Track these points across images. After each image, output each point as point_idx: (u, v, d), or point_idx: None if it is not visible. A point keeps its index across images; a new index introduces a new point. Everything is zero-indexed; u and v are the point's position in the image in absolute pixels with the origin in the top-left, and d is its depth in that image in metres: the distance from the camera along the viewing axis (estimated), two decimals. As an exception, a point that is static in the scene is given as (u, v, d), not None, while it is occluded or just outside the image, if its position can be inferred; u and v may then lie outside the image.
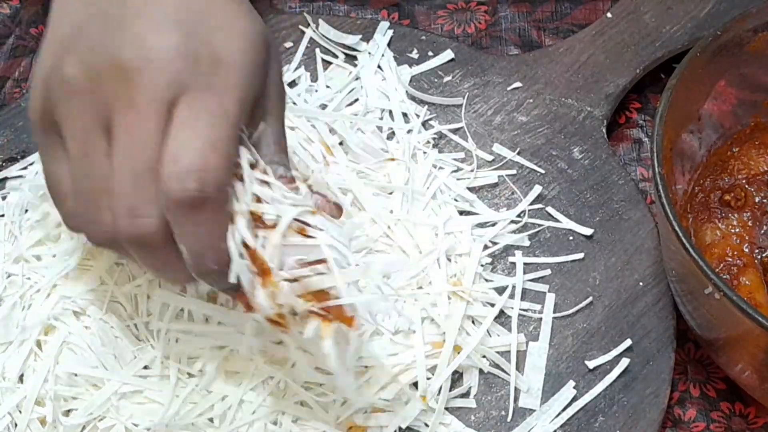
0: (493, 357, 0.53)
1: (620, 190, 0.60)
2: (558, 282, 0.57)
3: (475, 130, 0.63)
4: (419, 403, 0.51)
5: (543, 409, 0.52)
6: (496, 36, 0.70)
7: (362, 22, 0.68)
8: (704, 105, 0.55)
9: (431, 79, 0.65)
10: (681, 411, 0.54)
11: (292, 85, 0.64)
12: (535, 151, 0.62)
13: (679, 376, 0.55)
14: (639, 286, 0.56)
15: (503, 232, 0.58)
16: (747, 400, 0.54)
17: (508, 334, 0.54)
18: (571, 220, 0.59)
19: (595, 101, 0.64)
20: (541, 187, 0.60)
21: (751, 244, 0.53)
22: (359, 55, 0.66)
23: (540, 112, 0.64)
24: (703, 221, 0.54)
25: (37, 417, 0.51)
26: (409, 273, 0.54)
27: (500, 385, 0.53)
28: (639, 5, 0.67)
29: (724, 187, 0.55)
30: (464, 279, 0.55)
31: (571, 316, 0.55)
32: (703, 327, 0.51)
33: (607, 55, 0.65)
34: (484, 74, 0.65)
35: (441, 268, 0.55)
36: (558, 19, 0.71)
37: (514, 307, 0.55)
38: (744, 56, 0.54)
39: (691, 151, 0.55)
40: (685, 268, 0.46)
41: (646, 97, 0.67)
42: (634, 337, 0.54)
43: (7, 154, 0.62)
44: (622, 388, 0.53)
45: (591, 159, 0.61)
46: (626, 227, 0.59)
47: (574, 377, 0.53)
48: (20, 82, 0.69)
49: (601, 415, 0.52)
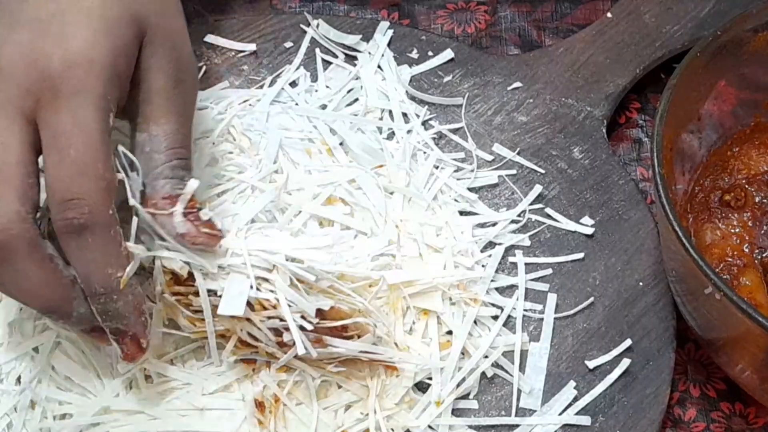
0: (497, 358, 0.53)
1: (620, 190, 0.60)
2: (558, 282, 0.57)
3: (475, 130, 0.63)
4: (433, 407, 0.51)
5: (544, 409, 0.52)
6: (496, 36, 0.70)
7: (362, 22, 0.68)
8: (704, 105, 0.55)
9: (431, 79, 0.65)
10: (681, 411, 0.54)
11: (293, 85, 0.64)
12: (535, 151, 0.62)
13: (679, 376, 0.55)
14: (639, 286, 0.56)
15: (504, 232, 0.58)
16: (747, 400, 0.54)
17: (509, 335, 0.54)
18: (571, 220, 0.59)
19: (595, 101, 0.64)
20: (541, 187, 0.60)
21: (751, 244, 0.53)
22: (359, 55, 0.66)
23: (540, 112, 0.63)
24: (703, 221, 0.54)
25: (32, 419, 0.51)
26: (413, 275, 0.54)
27: (500, 385, 0.53)
28: (639, 5, 0.67)
29: (724, 187, 0.55)
30: (476, 286, 0.55)
31: (571, 316, 0.55)
32: (703, 327, 0.51)
33: (607, 55, 0.65)
34: (484, 74, 0.65)
35: (447, 269, 0.55)
36: (558, 19, 0.71)
37: (517, 307, 0.55)
38: (744, 56, 0.54)
39: (691, 151, 0.55)
40: (685, 268, 0.46)
41: (646, 97, 0.67)
42: (634, 337, 0.54)
43: None
44: (622, 388, 0.53)
45: (591, 159, 0.61)
46: (626, 227, 0.59)
47: (575, 377, 0.53)
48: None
49: (601, 415, 0.52)
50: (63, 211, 0.41)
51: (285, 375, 0.51)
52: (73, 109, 0.41)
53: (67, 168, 0.41)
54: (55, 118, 0.41)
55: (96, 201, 0.42)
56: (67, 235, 0.42)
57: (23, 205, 0.42)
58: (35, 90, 0.41)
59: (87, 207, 0.41)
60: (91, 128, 0.41)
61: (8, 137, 0.42)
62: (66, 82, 0.41)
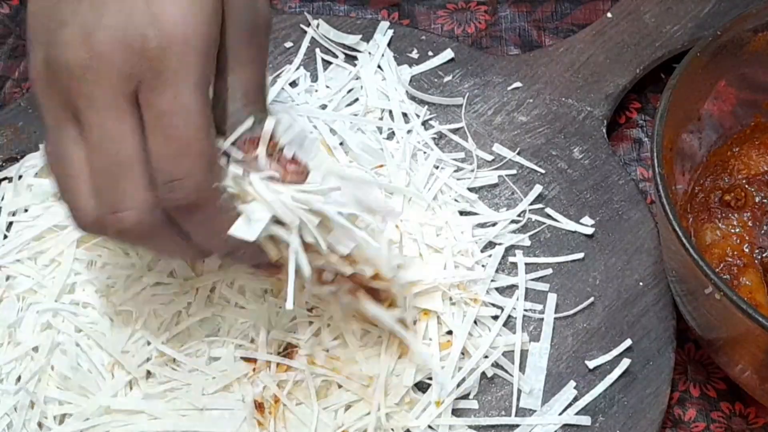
0: (497, 358, 0.53)
1: (620, 190, 0.60)
2: (558, 282, 0.57)
3: (475, 130, 0.63)
4: (433, 407, 0.51)
5: (544, 409, 0.52)
6: (496, 36, 0.70)
7: (362, 22, 0.68)
8: (704, 105, 0.55)
9: (431, 79, 0.65)
10: (681, 411, 0.54)
11: (293, 85, 0.64)
12: (535, 151, 0.62)
13: (679, 376, 0.55)
14: (639, 286, 0.56)
15: (504, 232, 0.58)
16: (747, 400, 0.54)
17: (510, 335, 0.54)
18: (571, 220, 0.59)
19: (595, 101, 0.64)
20: (541, 187, 0.60)
21: (751, 244, 0.53)
22: (359, 55, 0.66)
23: (540, 112, 0.63)
24: (703, 221, 0.54)
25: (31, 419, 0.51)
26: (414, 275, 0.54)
27: (500, 385, 0.53)
28: (639, 5, 0.67)
29: (724, 187, 0.55)
30: (476, 286, 0.55)
31: (571, 316, 0.55)
32: (703, 327, 0.51)
33: (607, 55, 0.65)
34: (484, 74, 0.65)
35: (447, 269, 0.55)
36: (558, 19, 0.71)
37: (517, 307, 0.55)
38: (744, 56, 0.54)
39: (691, 151, 0.55)
40: (685, 268, 0.46)
41: (646, 97, 0.67)
42: (634, 337, 0.54)
43: (7, 154, 0.62)
44: (622, 388, 0.53)
45: (591, 159, 0.61)
46: (626, 227, 0.59)
47: (575, 377, 0.53)
48: (20, 82, 0.69)
49: (601, 415, 0.52)
50: (169, 192, 0.42)
51: (285, 375, 0.51)
52: (174, 89, 0.41)
53: (170, 149, 0.41)
54: (158, 99, 0.41)
55: (200, 180, 0.42)
56: (178, 213, 0.43)
57: (150, 191, 0.42)
58: (136, 73, 0.41)
59: (190, 187, 0.42)
60: (192, 107, 0.41)
61: (120, 126, 0.41)
62: (165, 61, 0.41)
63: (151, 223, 0.43)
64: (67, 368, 0.51)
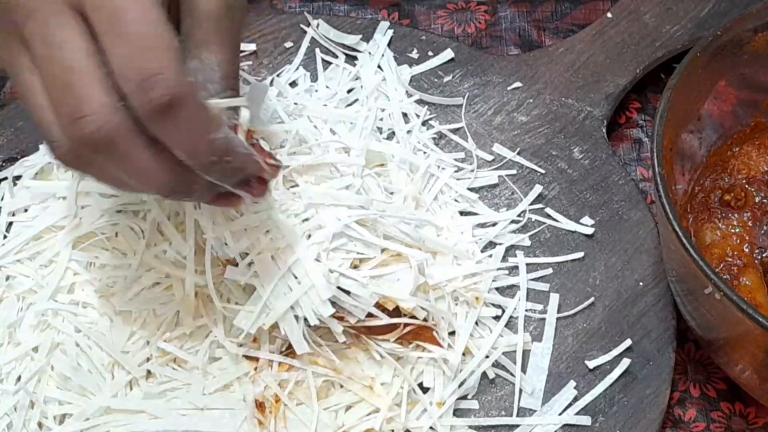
0: (498, 358, 0.53)
1: (620, 190, 0.60)
2: (558, 282, 0.57)
3: (475, 130, 0.63)
4: (434, 409, 0.51)
5: (544, 409, 0.52)
6: (496, 36, 0.70)
7: (362, 22, 0.68)
8: (704, 105, 0.55)
9: (431, 79, 0.65)
10: (681, 411, 0.54)
11: (293, 85, 0.64)
12: (535, 151, 0.62)
13: (679, 376, 0.55)
14: (639, 286, 0.56)
15: (504, 232, 0.58)
16: (747, 400, 0.54)
17: (511, 335, 0.54)
18: (571, 220, 0.59)
19: (595, 101, 0.64)
20: (542, 187, 0.60)
21: (751, 244, 0.53)
22: (359, 55, 0.66)
23: (540, 112, 0.63)
24: (703, 221, 0.54)
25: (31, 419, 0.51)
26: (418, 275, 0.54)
27: (501, 385, 0.53)
28: (639, 5, 0.67)
29: (724, 187, 0.55)
30: (477, 286, 0.55)
31: (571, 316, 0.55)
32: (703, 327, 0.51)
33: (607, 55, 0.65)
34: (484, 74, 0.65)
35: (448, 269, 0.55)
36: (558, 19, 0.71)
37: (519, 308, 0.55)
38: (744, 56, 0.54)
39: (691, 151, 0.55)
40: (685, 268, 0.46)
41: (646, 97, 0.67)
42: (634, 337, 0.54)
43: (7, 154, 0.62)
44: (622, 388, 0.53)
45: (591, 159, 0.61)
46: (626, 227, 0.59)
47: (575, 377, 0.53)
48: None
49: (601, 415, 0.52)
50: (144, 92, 0.39)
51: (286, 374, 0.51)
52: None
53: (132, 47, 0.39)
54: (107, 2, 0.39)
55: (174, 71, 0.39)
56: (157, 117, 0.40)
57: (110, 96, 0.40)
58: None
59: (168, 80, 0.39)
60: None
61: (66, 32, 0.40)
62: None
63: (118, 126, 0.40)
64: (67, 368, 0.51)
